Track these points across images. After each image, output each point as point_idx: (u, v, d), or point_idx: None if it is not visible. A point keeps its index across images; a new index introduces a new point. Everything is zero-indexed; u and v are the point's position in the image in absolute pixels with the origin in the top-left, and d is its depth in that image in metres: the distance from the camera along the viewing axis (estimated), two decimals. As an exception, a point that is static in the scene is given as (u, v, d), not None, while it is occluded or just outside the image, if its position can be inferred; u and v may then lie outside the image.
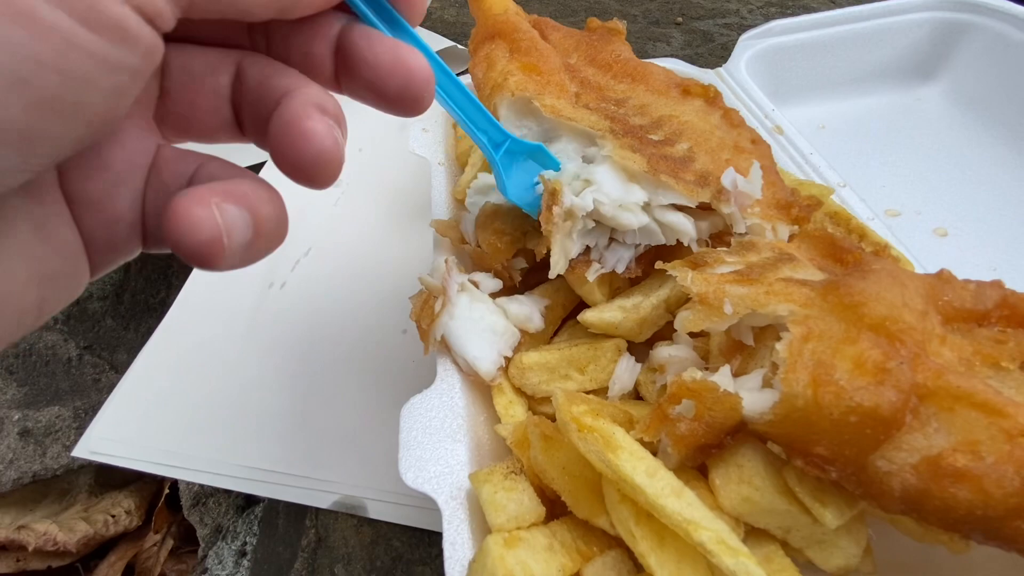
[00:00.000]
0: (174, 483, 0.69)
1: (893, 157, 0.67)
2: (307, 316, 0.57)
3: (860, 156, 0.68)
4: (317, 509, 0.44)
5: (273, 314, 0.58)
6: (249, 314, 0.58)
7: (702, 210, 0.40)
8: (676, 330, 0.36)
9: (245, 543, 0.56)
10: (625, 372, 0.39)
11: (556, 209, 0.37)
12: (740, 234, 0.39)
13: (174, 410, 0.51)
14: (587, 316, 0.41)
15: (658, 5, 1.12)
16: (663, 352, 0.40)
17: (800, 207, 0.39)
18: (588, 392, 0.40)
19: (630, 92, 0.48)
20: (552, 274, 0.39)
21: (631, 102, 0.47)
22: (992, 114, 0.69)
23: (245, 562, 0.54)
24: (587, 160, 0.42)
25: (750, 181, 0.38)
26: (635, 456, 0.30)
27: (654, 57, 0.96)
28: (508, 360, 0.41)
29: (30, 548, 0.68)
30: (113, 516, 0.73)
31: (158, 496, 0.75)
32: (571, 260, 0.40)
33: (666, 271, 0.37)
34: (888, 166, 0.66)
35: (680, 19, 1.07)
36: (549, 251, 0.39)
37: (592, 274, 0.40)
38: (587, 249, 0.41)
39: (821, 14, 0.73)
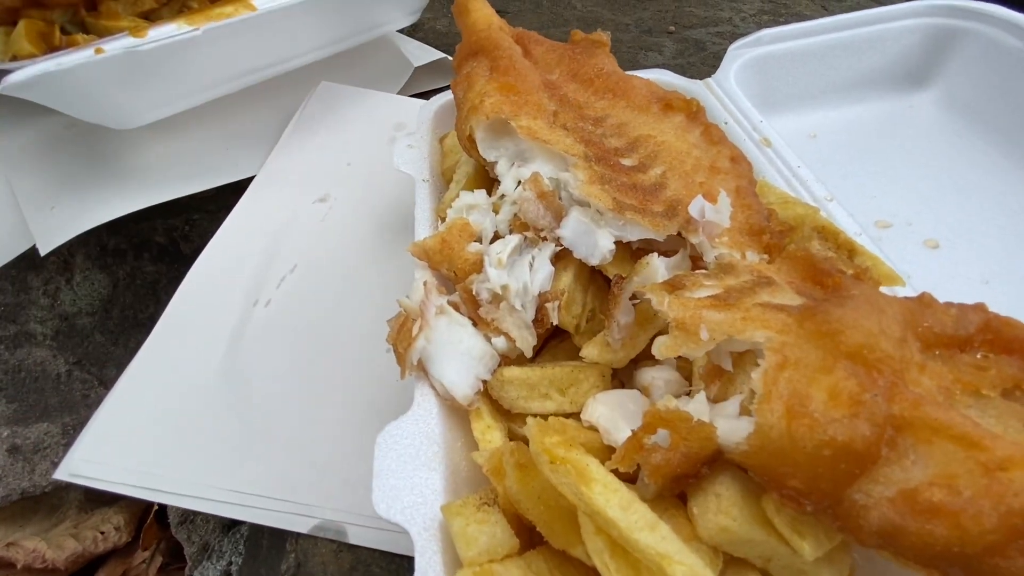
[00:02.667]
0: (163, 499, 0.69)
1: (884, 166, 0.67)
2: (291, 335, 0.57)
3: (851, 165, 0.67)
4: (297, 534, 0.44)
5: (257, 333, 0.57)
6: (233, 333, 0.58)
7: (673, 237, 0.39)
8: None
9: (230, 563, 0.56)
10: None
11: (482, 311, 0.38)
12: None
13: (156, 432, 0.51)
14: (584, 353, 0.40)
15: (651, 14, 1.11)
16: (647, 375, 0.40)
17: (773, 233, 0.38)
18: (567, 415, 0.40)
19: (609, 109, 0.48)
20: (528, 352, 0.40)
21: (609, 120, 0.46)
22: (985, 121, 0.68)
23: (230, 583, 0.54)
24: (561, 185, 0.42)
25: (718, 210, 0.37)
26: (608, 489, 0.29)
27: (646, 66, 0.96)
28: (486, 384, 0.40)
29: (19, 565, 0.68)
30: (102, 533, 0.73)
31: (148, 512, 0.75)
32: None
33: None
34: (879, 175, 0.66)
35: (673, 28, 1.07)
36: None
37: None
38: None
39: (811, 22, 0.72)
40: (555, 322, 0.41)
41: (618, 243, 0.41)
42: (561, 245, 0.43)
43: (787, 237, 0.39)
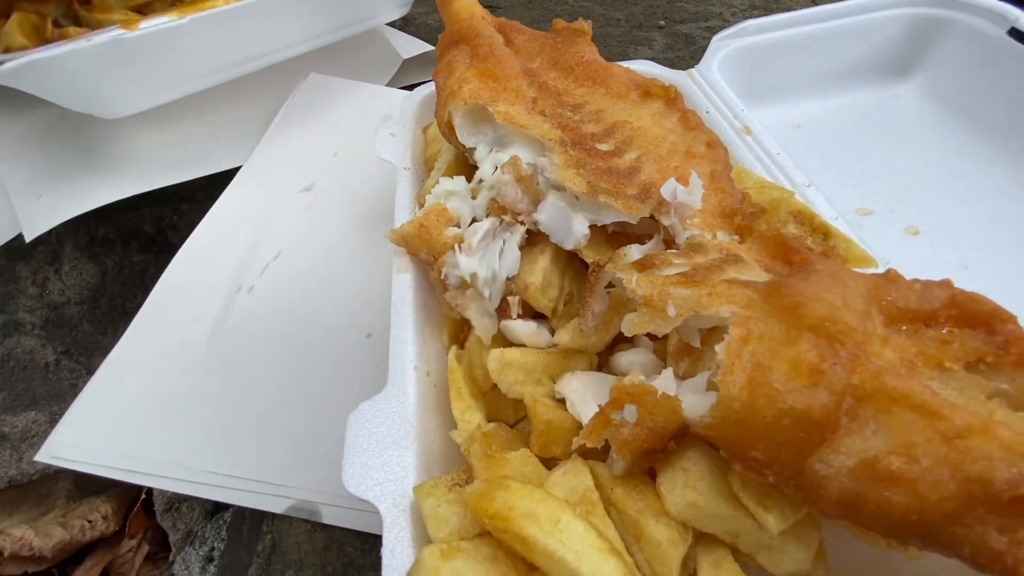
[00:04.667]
0: (150, 488, 0.69)
1: (867, 155, 0.67)
2: (273, 320, 0.57)
3: (835, 155, 0.67)
4: (273, 515, 0.44)
5: (240, 319, 0.58)
6: (217, 319, 0.58)
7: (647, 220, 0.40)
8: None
9: (213, 548, 0.56)
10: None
11: (448, 295, 0.39)
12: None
13: (138, 416, 0.51)
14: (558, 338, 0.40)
15: (641, 9, 1.12)
16: (623, 359, 0.40)
17: (744, 215, 0.38)
18: (559, 399, 0.39)
19: (588, 96, 0.48)
20: (486, 340, 0.40)
21: (587, 107, 0.47)
22: (968, 110, 0.68)
23: (212, 568, 0.54)
24: (538, 170, 0.42)
25: (690, 192, 0.38)
26: (553, 559, 0.29)
27: (635, 60, 0.96)
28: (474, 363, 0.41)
29: (6, 553, 0.68)
30: (90, 521, 0.73)
31: (135, 501, 0.75)
32: None
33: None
34: (862, 164, 0.66)
35: (663, 22, 1.07)
36: None
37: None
38: None
39: (795, 13, 0.72)
40: (516, 316, 0.41)
41: (593, 227, 0.41)
42: (536, 229, 0.43)
43: (759, 219, 0.39)
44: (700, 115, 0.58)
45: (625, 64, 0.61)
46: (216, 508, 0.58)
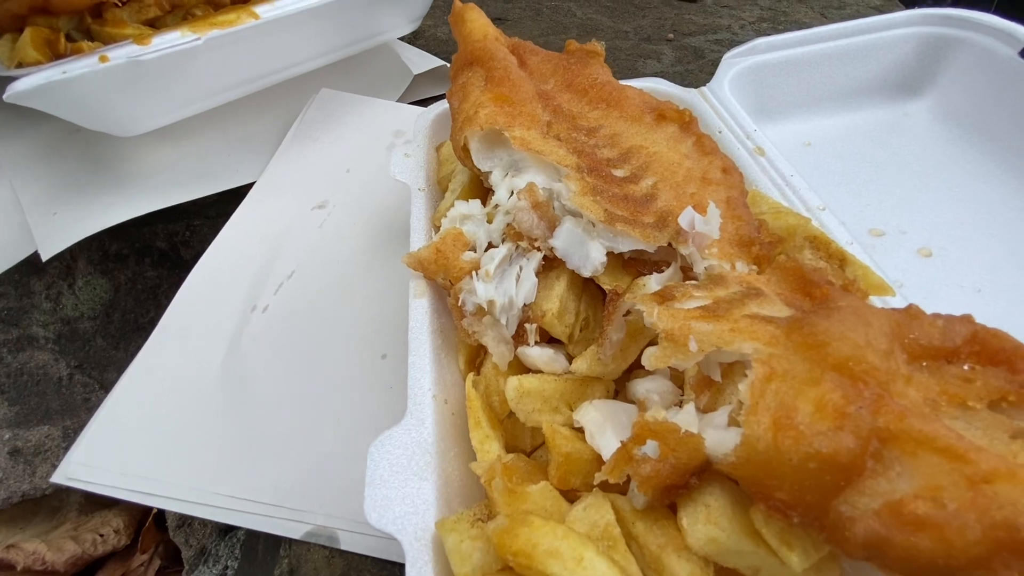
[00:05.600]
0: (161, 504, 0.69)
1: (879, 174, 0.67)
2: (288, 341, 0.57)
3: (845, 174, 0.67)
4: (291, 539, 0.44)
5: (255, 339, 0.58)
6: (231, 339, 0.58)
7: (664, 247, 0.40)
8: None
9: (226, 567, 0.56)
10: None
11: (465, 322, 0.39)
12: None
13: (153, 437, 0.51)
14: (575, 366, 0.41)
15: (650, 21, 1.12)
16: (641, 386, 0.40)
17: (762, 244, 0.38)
18: (577, 428, 0.39)
19: (603, 119, 0.48)
20: (503, 367, 0.41)
21: (602, 131, 0.47)
22: (979, 129, 0.68)
23: (225, 588, 0.54)
24: (554, 195, 0.42)
25: (708, 221, 0.38)
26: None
27: (644, 74, 0.97)
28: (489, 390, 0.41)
29: (19, 567, 0.69)
30: (102, 535, 0.73)
31: (147, 516, 0.76)
32: None
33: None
34: (874, 184, 0.66)
35: (671, 35, 1.07)
36: None
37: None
38: None
39: (806, 31, 0.72)
40: (533, 343, 0.41)
41: (610, 254, 0.41)
42: (553, 255, 0.43)
43: (776, 248, 0.39)
44: (713, 134, 0.58)
45: (635, 82, 0.62)
46: (230, 526, 0.58)
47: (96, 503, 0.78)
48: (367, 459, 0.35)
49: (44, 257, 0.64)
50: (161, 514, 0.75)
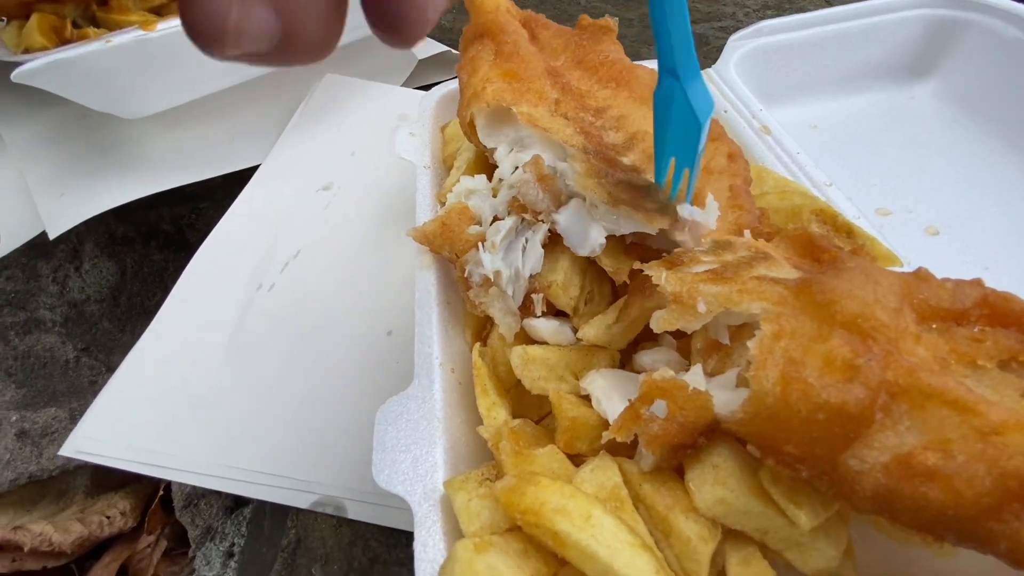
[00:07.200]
0: (169, 484, 0.70)
1: (885, 156, 0.67)
2: (294, 318, 0.58)
3: (852, 155, 0.67)
4: (298, 509, 0.44)
5: (261, 316, 0.58)
6: (238, 315, 0.58)
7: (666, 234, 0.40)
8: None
9: (233, 544, 0.57)
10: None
11: (471, 293, 0.39)
12: None
13: (161, 411, 0.52)
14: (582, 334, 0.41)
15: (653, 8, 1.12)
16: (647, 357, 0.40)
17: (761, 235, 0.39)
18: (583, 396, 0.40)
19: (612, 100, 0.48)
20: (509, 338, 0.41)
21: (610, 112, 0.47)
22: (985, 111, 0.68)
23: (232, 563, 0.54)
24: (559, 174, 0.42)
25: (706, 212, 0.38)
26: (586, 554, 0.29)
27: (652, 60, 0.96)
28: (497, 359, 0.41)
29: (26, 548, 0.69)
30: (108, 517, 0.74)
31: (153, 497, 0.76)
32: None
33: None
34: (880, 165, 0.66)
35: (674, 21, 1.07)
36: None
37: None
38: None
39: (811, 13, 0.72)
40: (540, 313, 0.41)
41: (611, 237, 0.41)
42: (555, 230, 0.43)
43: (774, 240, 0.39)
44: (719, 114, 0.58)
45: (644, 63, 0.61)
46: (236, 504, 0.58)
47: (103, 486, 0.79)
48: (375, 423, 0.35)
49: (52, 236, 0.65)
50: (167, 496, 0.75)
